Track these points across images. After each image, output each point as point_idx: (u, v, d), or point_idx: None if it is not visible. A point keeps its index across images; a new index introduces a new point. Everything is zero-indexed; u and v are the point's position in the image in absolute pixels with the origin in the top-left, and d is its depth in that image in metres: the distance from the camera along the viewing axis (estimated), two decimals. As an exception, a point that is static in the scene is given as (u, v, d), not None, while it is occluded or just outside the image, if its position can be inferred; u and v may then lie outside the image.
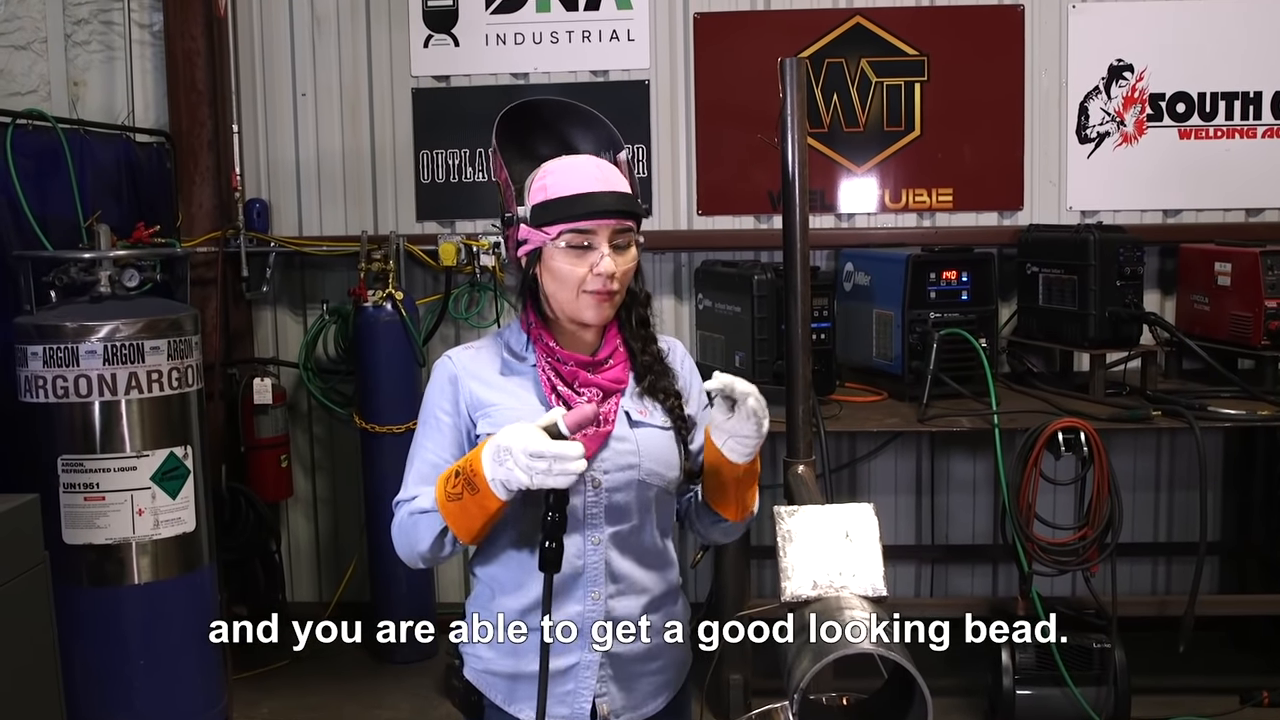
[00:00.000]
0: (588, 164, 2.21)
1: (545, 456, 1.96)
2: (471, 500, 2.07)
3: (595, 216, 2.15)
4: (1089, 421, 4.23)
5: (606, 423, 2.22)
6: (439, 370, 2.32)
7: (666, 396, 2.30)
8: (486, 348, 2.34)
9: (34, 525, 3.18)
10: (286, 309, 5.80)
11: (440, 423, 2.28)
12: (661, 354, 2.34)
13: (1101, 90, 5.35)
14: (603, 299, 2.19)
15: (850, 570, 2.02)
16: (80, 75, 5.70)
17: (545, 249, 2.18)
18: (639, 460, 2.24)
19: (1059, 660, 4.30)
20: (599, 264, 2.15)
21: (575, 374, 2.23)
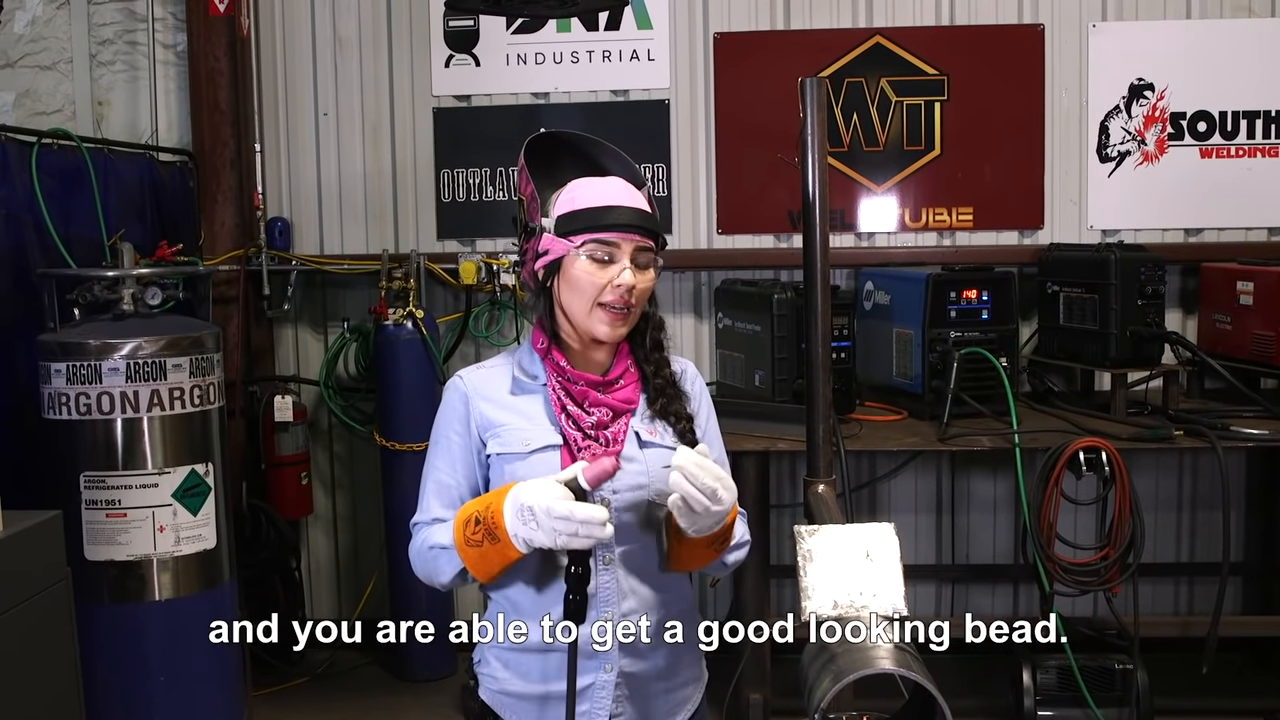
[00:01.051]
0: (616, 183, 2.24)
1: (572, 520, 1.99)
2: (492, 549, 2.10)
3: (620, 229, 2.16)
4: (1110, 441, 4.21)
5: (616, 443, 2.22)
6: (450, 391, 2.34)
7: (678, 420, 2.30)
8: (498, 366, 2.35)
9: (56, 542, 3.20)
10: (308, 327, 5.83)
11: (451, 443, 2.31)
12: (675, 377, 2.34)
13: (1122, 109, 5.34)
14: (617, 316, 2.19)
15: (871, 590, 2.01)
16: (105, 95, 5.75)
17: (566, 259, 2.18)
18: (649, 480, 2.23)
19: (1080, 681, 4.27)
20: (619, 276, 2.16)
21: (585, 393, 2.24)
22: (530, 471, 2.18)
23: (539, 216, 2.22)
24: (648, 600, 2.27)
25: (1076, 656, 4.30)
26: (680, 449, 2.07)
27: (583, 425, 2.22)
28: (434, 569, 2.25)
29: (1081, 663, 4.31)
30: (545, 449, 2.22)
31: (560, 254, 2.18)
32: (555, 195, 2.23)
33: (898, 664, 1.84)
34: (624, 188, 2.22)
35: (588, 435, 2.21)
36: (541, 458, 2.21)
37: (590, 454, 2.18)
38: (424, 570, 2.29)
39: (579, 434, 2.21)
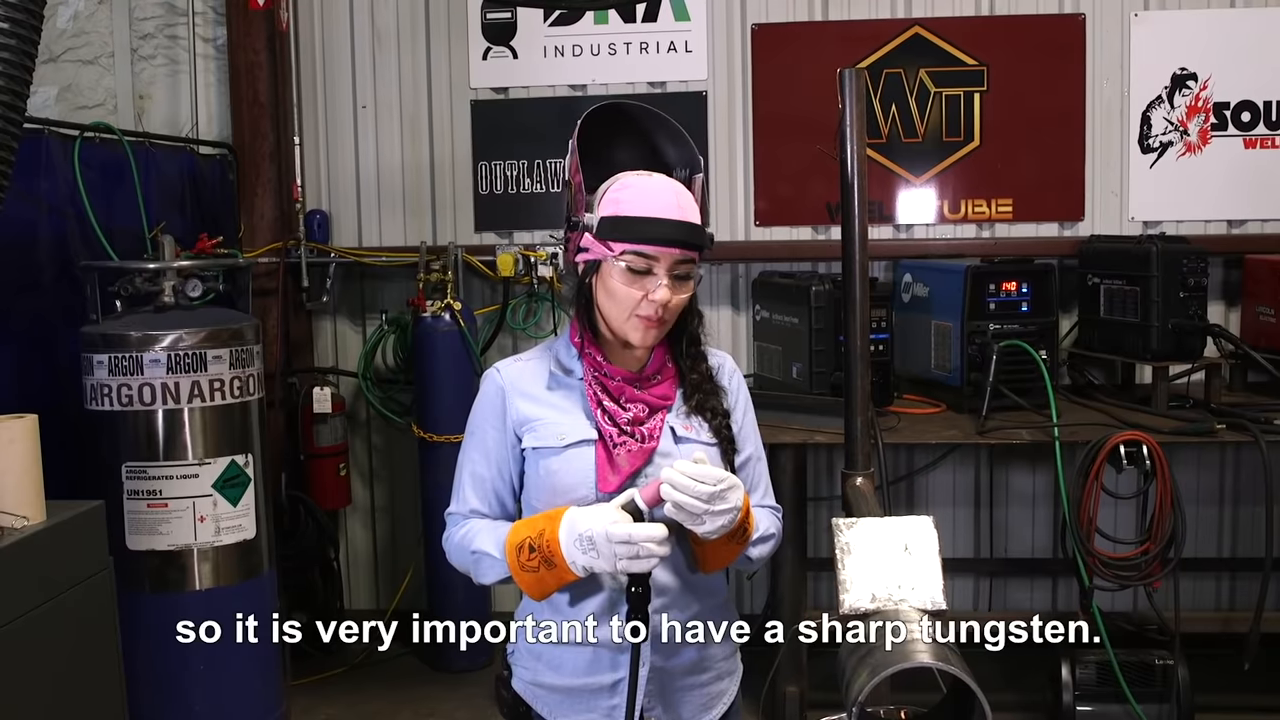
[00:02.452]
0: (666, 188, 2.18)
1: (633, 542, 2.01)
2: (549, 574, 2.11)
3: (661, 244, 2.13)
4: (1151, 435, 4.17)
5: (651, 438, 2.22)
6: (487, 383, 2.34)
7: (714, 415, 2.29)
8: (536, 359, 2.35)
9: (99, 531, 3.23)
10: (346, 319, 5.86)
11: (486, 436, 2.32)
12: (711, 373, 2.33)
13: (1164, 99, 5.28)
14: (651, 324, 2.18)
15: (909, 583, 2.01)
16: (146, 89, 5.79)
17: (605, 263, 2.16)
18: None
19: (1120, 676, 4.24)
20: (655, 292, 2.14)
21: (622, 389, 2.24)
22: (566, 466, 2.20)
23: (583, 210, 2.19)
24: (677, 597, 2.26)
25: (1116, 652, 4.27)
26: (674, 464, 2.05)
27: (619, 421, 2.21)
28: (476, 571, 2.28)
29: (1121, 658, 4.27)
30: (580, 444, 2.21)
31: (598, 257, 2.17)
32: (603, 190, 2.19)
33: (936, 658, 1.83)
34: (672, 193, 2.17)
35: (623, 431, 2.21)
36: (577, 452, 2.21)
37: (626, 449, 2.18)
38: (462, 566, 2.32)
39: (614, 429, 2.21)
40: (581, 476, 2.20)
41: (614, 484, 2.18)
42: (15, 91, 2.83)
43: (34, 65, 2.92)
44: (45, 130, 4.26)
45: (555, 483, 2.21)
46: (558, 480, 2.21)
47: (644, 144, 2.30)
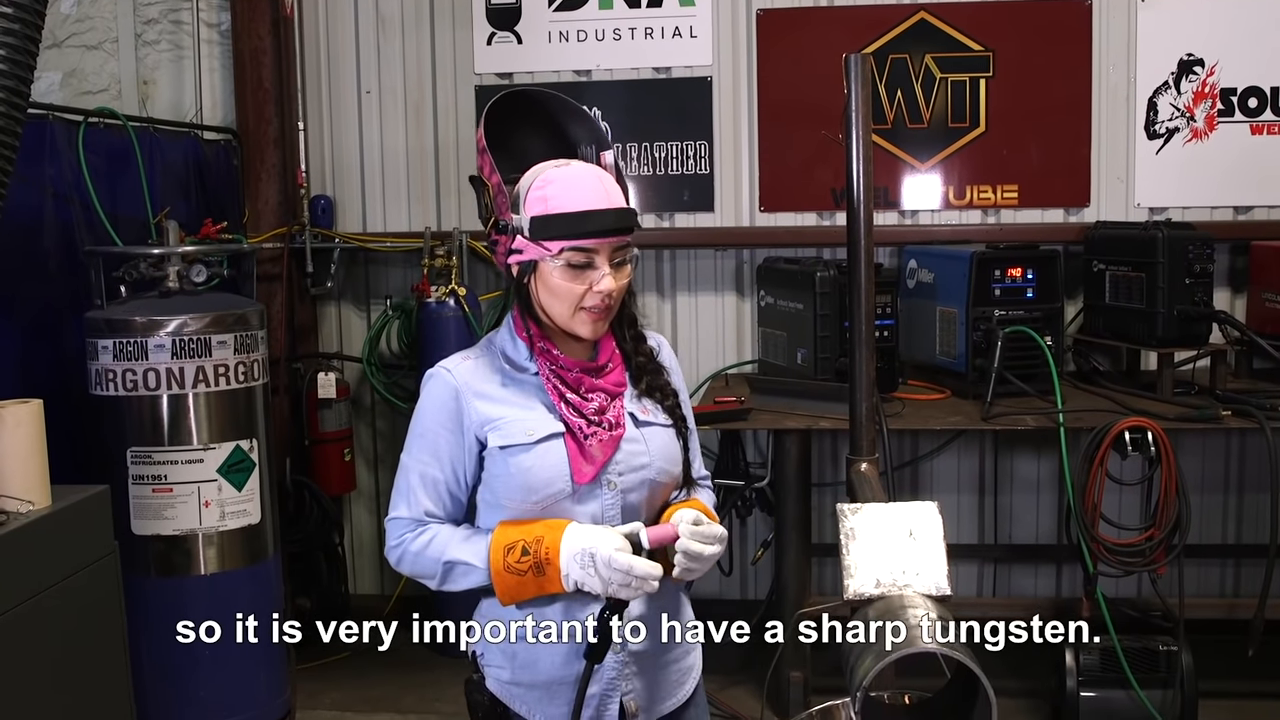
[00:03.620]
0: (588, 176, 2.17)
1: (630, 574, 2.06)
2: (534, 581, 2.14)
3: (599, 235, 2.13)
4: (1157, 421, 4.17)
5: (618, 426, 2.23)
6: (436, 384, 2.27)
7: (664, 395, 2.33)
8: (483, 357, 2.31)
9: (104, 516, 3.24)
10: (350, 304, 5.86)
11: (438, 437, 2.26)
12: (654, 353, 2.36)
13: (1171, 85, 5.27)
14: (597, 316, 2.18)
15: (914, 569, 2.01)
16: (150, 74, 5.79)
17: (542, 263, 2.15)
18: (650, 459, 2.26)
19: (1124, 662, 4.24)
20: (599, 283, 2.15)
21: (580, 380, 2.23)
22: (539, 461, 2.19)
23: (508, 212, 2.18)
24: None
25: (1120, 638, 4.27)
26: (681, 526, 2.14)
27: (585, 412, 2.22)
28: (444, 579, 2.25)
29: (1125, 644, 4.27)
30: (550, 438, 2.20)
31: (535, 257, 2.16)
32: (524, 188, 2.17)
33: (941, 643, 1.83)
34: (598, 182, 2.16)
35: (591, 421, 2.21)
36: (548, 447, 2.20)
37: (598, 439, 2.19)
38: (424, 573, 2.28)
39: (582, 420, 2.21)
40: (556, 471, 2.19)
41: (589, 475, 2.19)
42: (19, 77, 2.83)
43: (38, 50, 2.92)
44: (50, 116, 4.26)
45: (529, 479, 2.19)
46: (532, 476, 2.19)
47: (548, 128, 2.31)
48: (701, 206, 5.50)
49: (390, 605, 5.67)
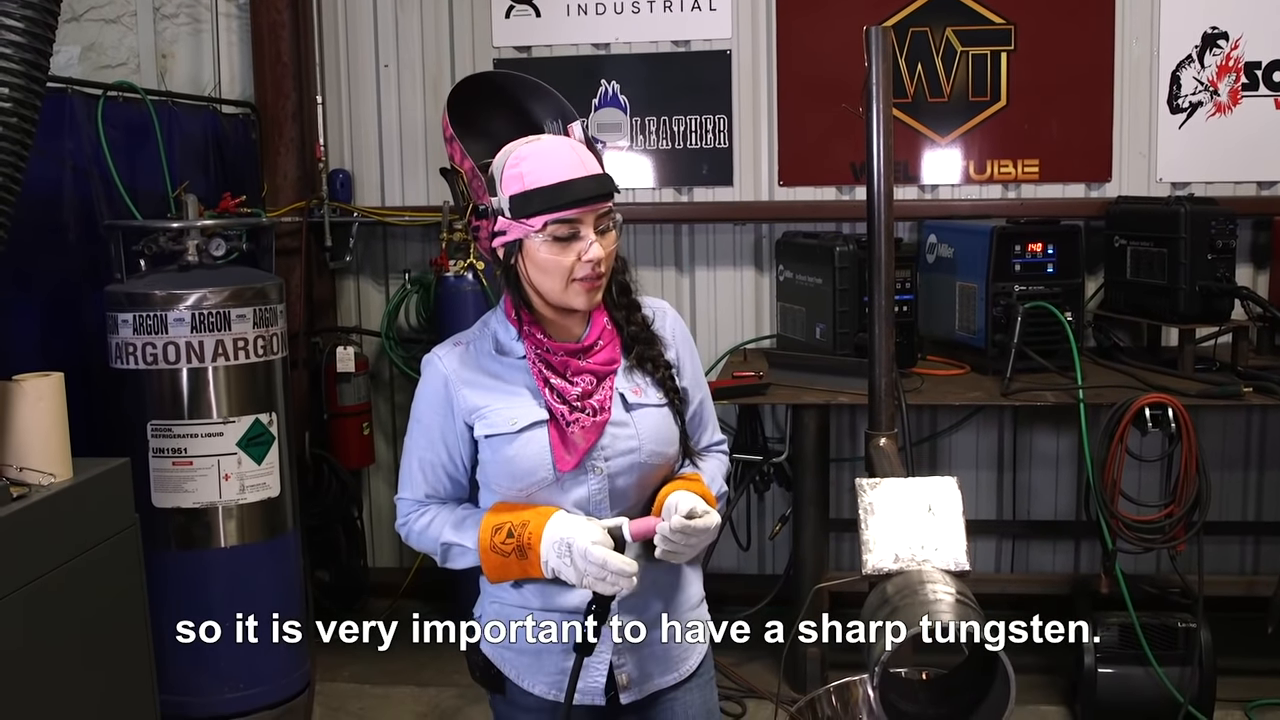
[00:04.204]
0: (561, 148, 2.16)
1: (604, 569, 2.06)
2: (516, 563, 2.17)
3: (580, 205, 2.12)
4: (1177, 397, 4.15)
5: (603, 410, 2.21)
6: (428, 371, 2.33)
7: (656, 367, 2.29)
8: (475, 341, 2.33)
9: (125, 489, 3.25)
10: (369, 278, 5.86)
11: (432, 424, 2.31)
12: (647, 321, 2.32)
13: (1194, 59, 5.22)
14: (591, 285, 2.16)
15: (933, 544, 2.00)
16: (168, 48, 5.79)
17: (527, 240, 2.14)
18: (639, 444, 2.25)
19: (1143, 639, 4.23)
20: (587, 251, 2.13)
21: (566, 363, 2.22)
22: (521, 451, 2.20)
23: (485, 195, 2.17)
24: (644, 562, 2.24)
25: (1139, 615, 4.26)
26: (660, 525, 2.12)
27: (568, 397, 2.20)
28: (444, 558, 2.31)
29: (1144, 621, 4.27)
30: (533, 426, 2.21)
31: (518, 236, 2.15)
32: (499, 169, 2.16)
33: (960, 618, 1.83)
34: (571, 151, 2.16)
35: (574, 408, 2.20)
36: (530, 435, 2.21)
37: (580, 426, 2.18)
38: (427, 551, 2.36)
39: (565, 407, 2.20)
40: (538, 460, 2.20)
41: (571, 463, 2.19)
42: (38, 50, 2.83)
43: (57, 24, 2.92)
44: (69, 89, 4.27)
45: (513, 468, 2.21)
46: (515, 465, 2.21)
47: (511, 108, 2.31)
48: (720, 181, 5.48)
49: (409, 578, 5.69)
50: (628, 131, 5.51)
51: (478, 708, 4.70)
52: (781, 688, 4.53)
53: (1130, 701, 4.30)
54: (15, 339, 3.95)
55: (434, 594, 5.64)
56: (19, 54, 2.78)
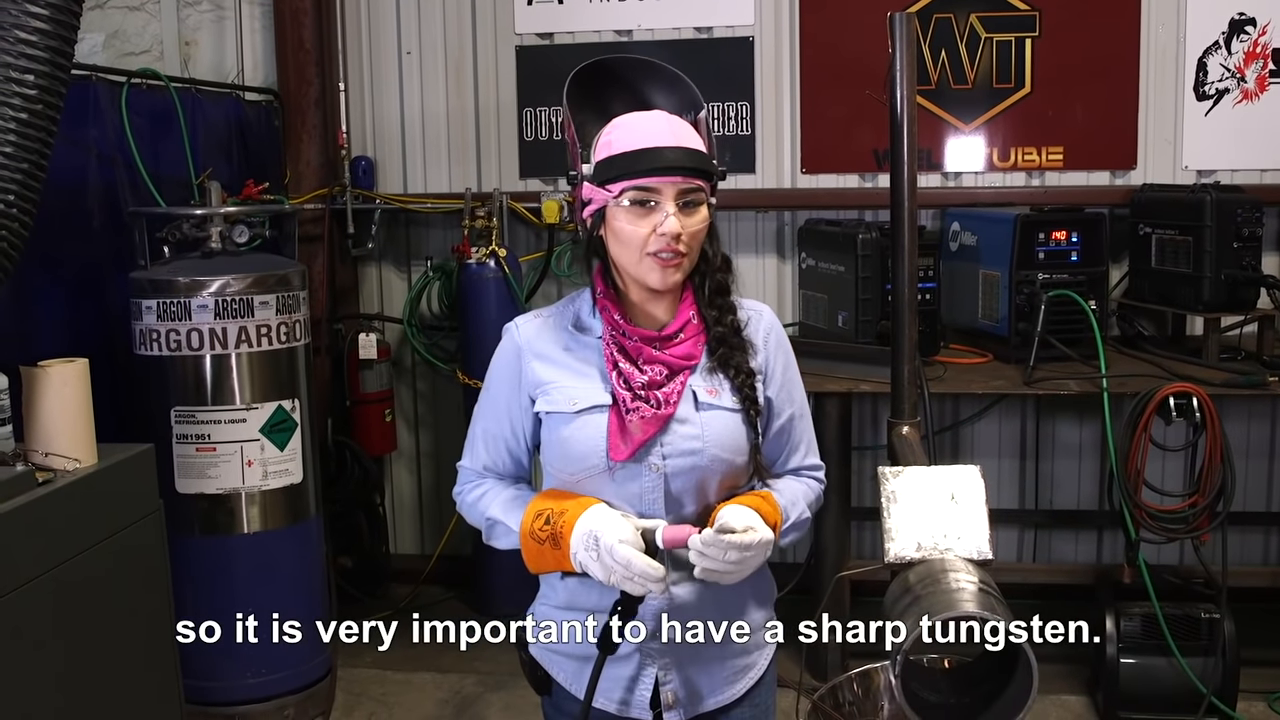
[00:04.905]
0: (657, 119, 2.10)
1: (629, 569, 1.97)
2: (550, 553, 2.09)
3: (659, 173, 2.03)
4: (1202, 387, 4.13)
5: (668, 404, 2.10)
6: (505, 340, 2.28)
7: (738, 373, 2.16)
8: (555, 315, 2.26)
9: (149, 474, 3.26)
10: (391, 265, 5.87)
11: (500, 394, 2.27)
12: (739, 325, 2.20)
13: (1221, 45, 5.17)
14: (668, 263, 2.06)
15: (955, 532, 2.00)
16: (192, 35, 5.80)
17: (609, 208, 2.08)
18: (703, 445, 2.11)
19: (1165, 630, 4.22)
20: (663, 224, 2.03)
21: (639, 350, 2.12)
22: (577, 434, 2.13)
23: (580, 163, 2.13)
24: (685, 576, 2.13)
25: (1161, 605, 4.25)
26: (691, 539, 1.99)
27: (633, 384, 2.10)
28: (488, 535, 2.28)
29: (1167, 611, 4.25)
30: (593, 409, 2.13)
31: (601, 204, 2.09)
32: (596, 138, 2.13)
33: (982, 607, 1.83)
34: (665, 123, 2.09)
35: (637, 395, 2.10)
36: (589, 419, 2.13)
37: (639, 415, 2.08)
38: (474, 524, 2.33)
39: (628, 394, 2.10)
40: (592, 445, 2.12)
41: (625, 453, 2.09)
42: (63, 38, 2.84)
43: (81, 11, 2.93)
44: (93, 77, 4.28)
45: (566, 450, 2.14)
46: (569, 448, 2.14)
47: (634, 96, 2.23)
48: (742, 168, 5.46)
49: (430, 565, 5.71)
50: (650, 119, 5.49)
51: (498, 694, 4.72)
52: (804, 677, 4.53)
53: (1153, 691, 4.29)
54: (41, 325, 3.98)
55: (456, 580, 5.65)
56: (44, 41, 2.79)
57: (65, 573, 2.81)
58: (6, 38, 2.74)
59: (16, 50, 2.75)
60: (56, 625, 2.79)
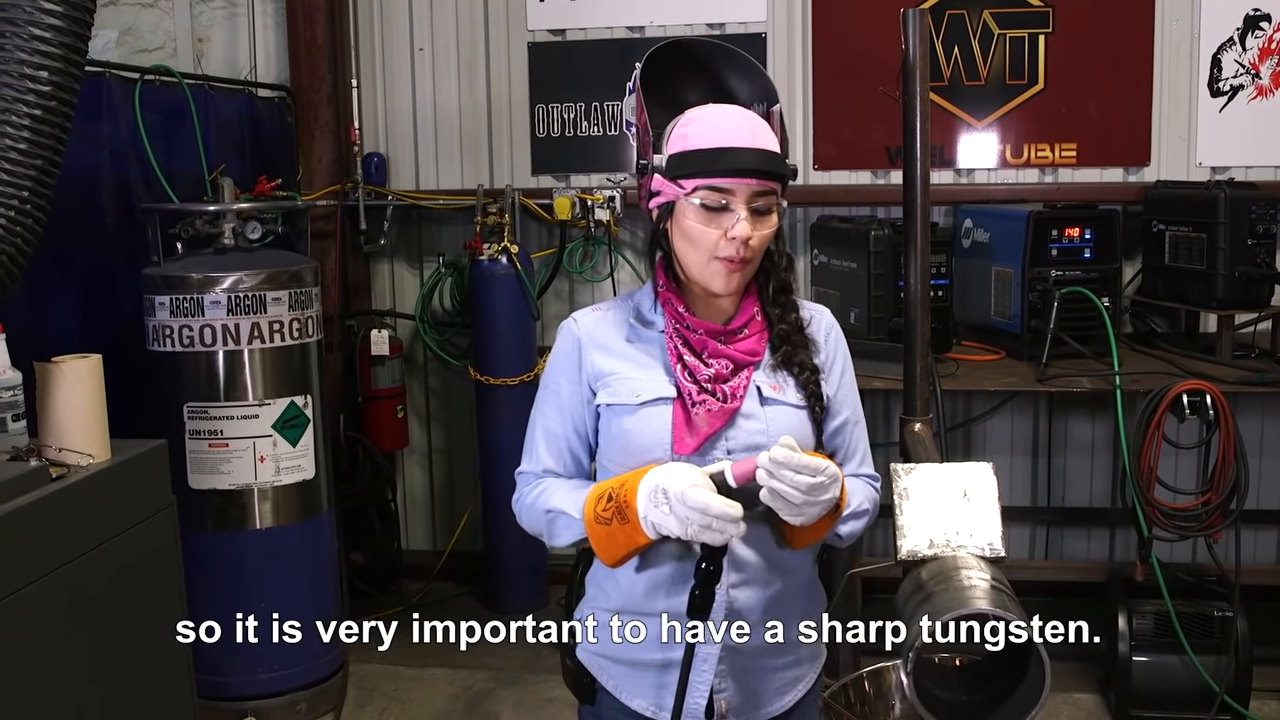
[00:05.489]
0: (736, 115, 2.04)
1: (707, 514, 1.85)
2: (620, 530, 1.98)
3: (736, 175, 1.97)
4: (1215, 384, 4.11)
5: (734, 398, 2.05)
6: (563, 334, 2.20)
7: (802, 370, 2.12)
8: (615, 309, 2.20)
9: (162, 470, 3.27)
10: (403, 262, 5.88)
11: (560, 390, 2.18)
12: (802, 324, 2.17)
13: (1236, 41, 5.15)
14: (734, 268, 2.02)
15: (968, 529, 1.99)
16: (204, 31, 5.81)
17: (678, 204, 2.03)
18: (767, 440, 2.01)
19: (1178, 628, 4.20)
20: (734, 228, 1.98)
21: (704, 343, 2.07)
22: (640, 425, 2.07)
23: (651, 152, 2.06)
24: (759, 572, 2.10)
25: (1174, 603, 4.23)
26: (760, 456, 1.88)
27: (699, 377, 2.05)
28: (550, 532, 2.16)
29: (1179, 609, 4.23)
30: (656, 401, 2.07)
31: (671, 198, 2.04)
32: (670, 127, 2.06)
33: (994, 605, 1.82)
34: (744, 121, 2.03)
35: (703, 388, 2.05)
36: (652, 411, 2.07)
37: (706, 409, 2.03)
38: (535, 528, 2.21)
39: (694, 387, 2.05)
40: (656, 437, 2.06)
41: (690, 446, 2.03)
42: (76, 34, 2.85)
43: (95, 8, 2.93)
44: (106, 73, 4.30)
45: (629, 443, 2.08)
46: (631, 440, 2.08)
47: (711, 81, 2.16)
48: (754, 165, 5.44)
49: (442, 561, 5.72)
50: (662, 115, 5.50)
51: (510, 690, 4.72)
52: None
53: (1165, 690, 4.28)
54: (54, 321, 3.99)
55: (467, 577, 5.66)
56: (58, 38, 2.79)
57: (78, 568, 2.82)
58: (21, 34, 2.75)
59: (31, 47, 2.76)
60: (69, 621, 2.80)
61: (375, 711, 4.62)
